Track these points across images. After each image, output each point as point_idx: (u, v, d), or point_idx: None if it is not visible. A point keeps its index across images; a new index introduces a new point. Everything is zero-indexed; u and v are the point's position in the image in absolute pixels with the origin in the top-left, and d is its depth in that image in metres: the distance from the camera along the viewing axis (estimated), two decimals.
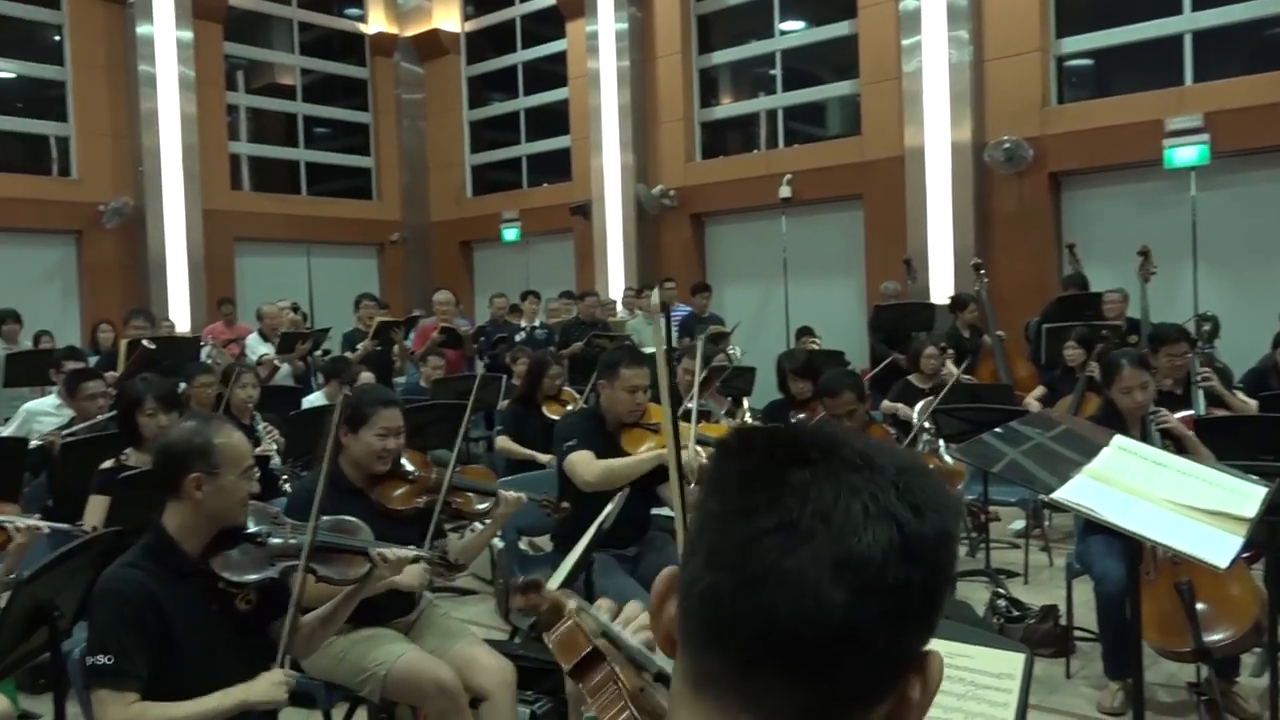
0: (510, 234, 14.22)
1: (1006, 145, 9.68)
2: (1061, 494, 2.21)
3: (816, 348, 7.88)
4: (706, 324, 9.08)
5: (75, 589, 2.59)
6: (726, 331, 8.71)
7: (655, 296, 3.57)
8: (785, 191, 11.25)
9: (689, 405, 4.02)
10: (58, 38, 12.45)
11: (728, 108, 12.92)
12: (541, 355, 6.24)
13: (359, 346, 8.13)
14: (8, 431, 5.41)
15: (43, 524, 3.00)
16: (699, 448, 3.63)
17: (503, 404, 6.90)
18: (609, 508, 2.84)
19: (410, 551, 2.66)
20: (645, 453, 3.71)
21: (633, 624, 1.12)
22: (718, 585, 0.70)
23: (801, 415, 5.33)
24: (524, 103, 14.84)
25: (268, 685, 2.22)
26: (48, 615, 2.42)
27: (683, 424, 3.88)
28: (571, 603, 1.20)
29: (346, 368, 6.55)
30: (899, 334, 7.98)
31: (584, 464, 3.67)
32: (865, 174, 10.92)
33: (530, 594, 1.44)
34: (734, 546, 0.70)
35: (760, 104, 12.61)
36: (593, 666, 1.11)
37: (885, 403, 6.14)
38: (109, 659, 2.12)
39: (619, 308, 10.61)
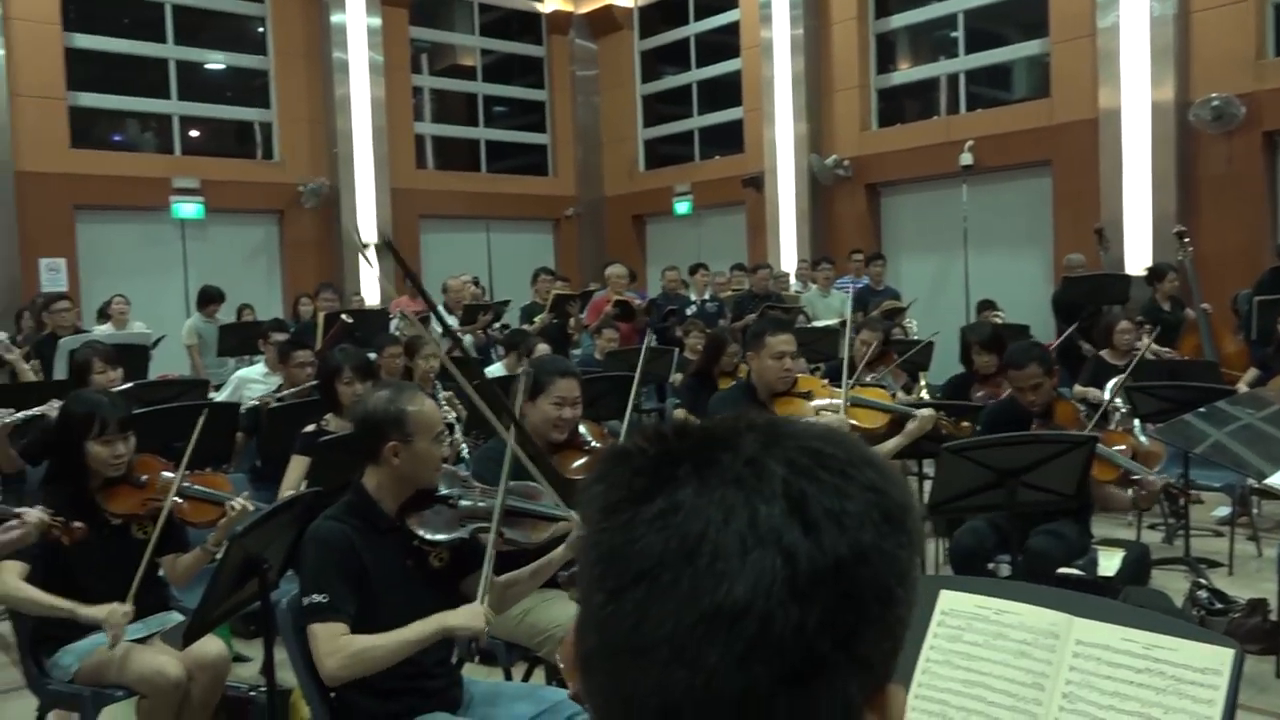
0: (682, 207, 14.26)
1: (1215, 103, 8.96)
2: (1278, 480, 2.05)
3: (1000, 321, 7.56)
4: (882, 297, 8.86)
5: (281, 544, 2.79)
6: (903, 305, 8.48)
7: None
8: (967, 159, 10.81)
9: (854, 382, 3.94)
10: (261, 29, 13.28)
11: (906, 73, 12.49)
12: (721, 332, 6.24)
13: (536, 319, 8.35)
14: (220, 398, 5.85)
15: (253, 505, 3.20)
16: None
17: (675, 377, 6.95)
18: None
19: None
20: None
21: None
22: (599, 662, 0.57)
23: (984, 391, 5.13)
24: (696, 75, 14.81)
25: (469, 613, 2.31)
26: (258, 567, 2.62)
27: (837, 391, 3.82)
28: None
29: (524, 340, 6.74)
30: (1089, 308, 7.55)
31: None
32: (1054, 138, 10.35)
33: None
34: (600, 609, 0.56)
35: (941, 68, 12.14)
36: None
37: (1077, 387, 5.84)
38: (324, 597, 2.27)
39: (792, 280, 10.49)
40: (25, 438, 4.25)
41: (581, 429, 3.30)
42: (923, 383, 6.16)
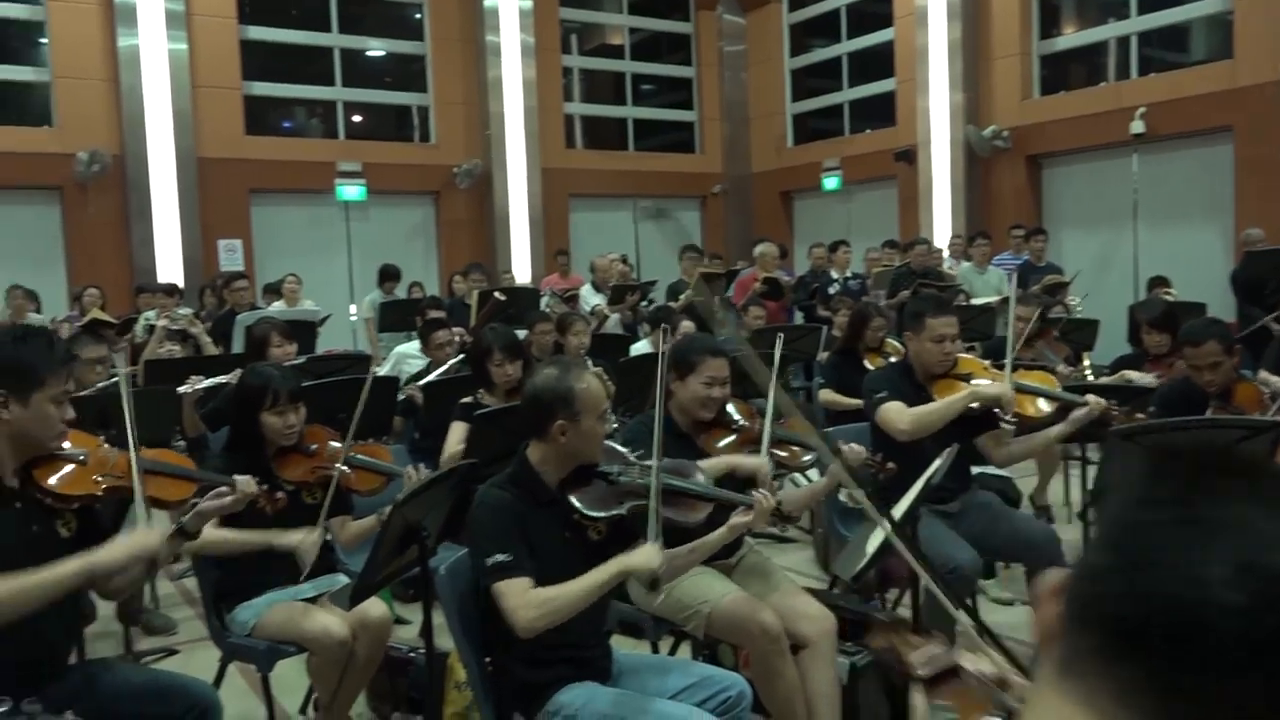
0: (831, 183, 14.00)
1: None
2: None
3: (1172, 299, 7.12)
4: (1043, 273, 8.48)
5: (439, 513, 2.90)
6: (1065, 281, 8.10)
7: None
8: (1138, 127, 10.21)
9: (1013, 359, 3.78)
10: (419, 16, 13.71)
11: (1071, 38, 11.87)
12: (864, 306, 6.11)
13: (682, 296, 8.36)
14: (381, 372, 6.10)
15: (423, 472, 3.32)
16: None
17: (822, 355, 6.85)
18: (938, 462, 2.74)
19: (767, 497, 2.70)
20: (956, 396, 3.55)
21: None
22: (1102, 564, 0.66)
23: (1155, 373, 4.85)
24: (846, 47, 14.48)
25: (645, 553, 2.34)
26: (417, 535, 2.73)
27: (999, 374, 3.67)
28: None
29: (670, 317, 6.76)
30: (1272, 284, 7.02)
31: (896, 413, 3.57)
32: (1237, 102, 9.65)
33: (889, 636, 1.42)
34: (1127, 530, 0.66)
35: (1110, 31, 11.48)
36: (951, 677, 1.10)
37: (1262, 372, 5.45)
38: (506, 556, 2.34)
39: (945, 256, 10.15)
40: (207, 405, 4.55)
41: (729, 408, 3.29)
42: (1086, 362, 5.87)
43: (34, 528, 2.29)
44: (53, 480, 2.32)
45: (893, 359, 5.72)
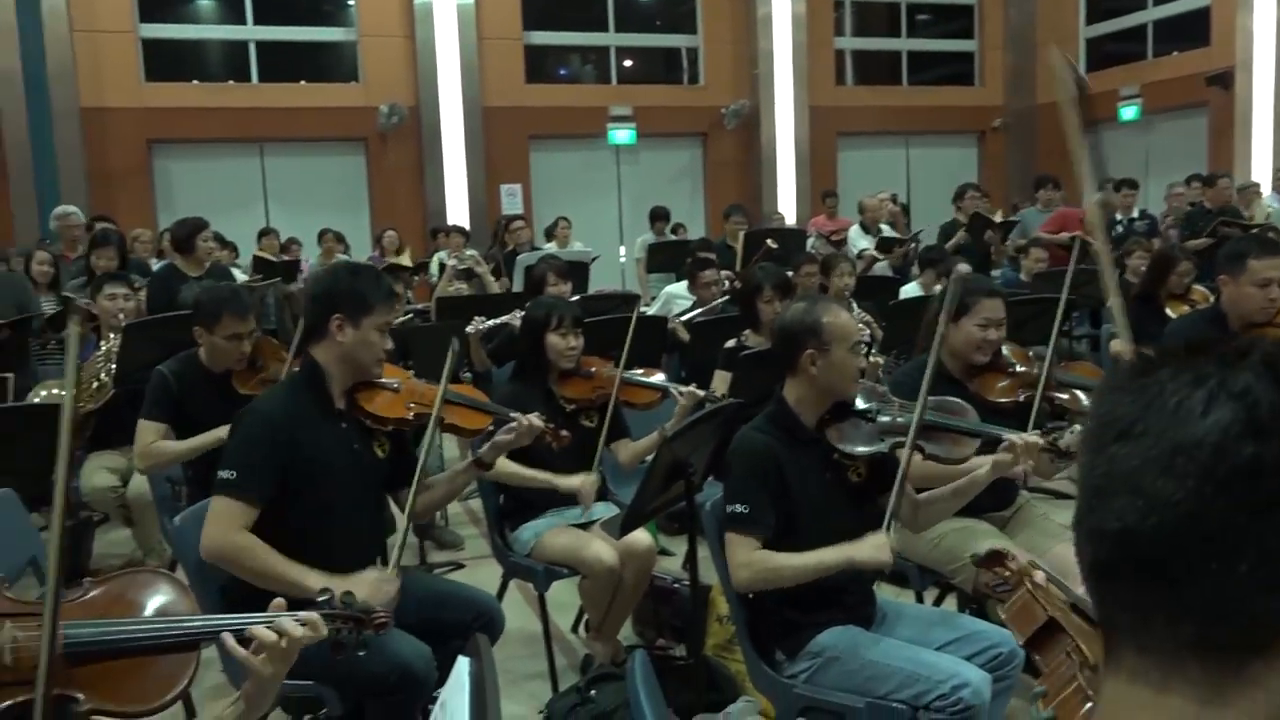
0: (1128, 112, 12.81)
1: None
2: None
3: None
4: None
5: (705, 450, 2.95)
6: None
7: None
8: None
9: None
10: None
11: None
12: (1169, 249, 5.58)
13: (956, 237, 7.98)
14: (651, 311, 6.27)
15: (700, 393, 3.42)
16: None
17: (1113, 300, 6.34)
18: None
19: (1034, 437, 2.57)
20: None
21: None
22: (1078, 509, 0.66)
23: None
24: None
25: (873, 547, 2.32)
26: (684, 471, 2.80)
27: None
28: (1039, 574, 1.12)
29: (943, 258, 6.48)
30: None
31: None
32: None
33: (995, 567, 1.33)
34: (1083, 468, 0.65)
35: None
36: (1050, 638, 1.04)
37: None
38: (745, 508, 2.39)
39: (1265, 192, 9.06)
40: (492, 342, 4.87)
41: (1005, 351, 3.13)
42: None
43: (355, 446, 2.57)
44: (372, 405, 2.60)
45: (1200, 307, 5.21)
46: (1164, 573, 0.60)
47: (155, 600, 1.50)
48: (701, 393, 3.43)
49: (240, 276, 7.01)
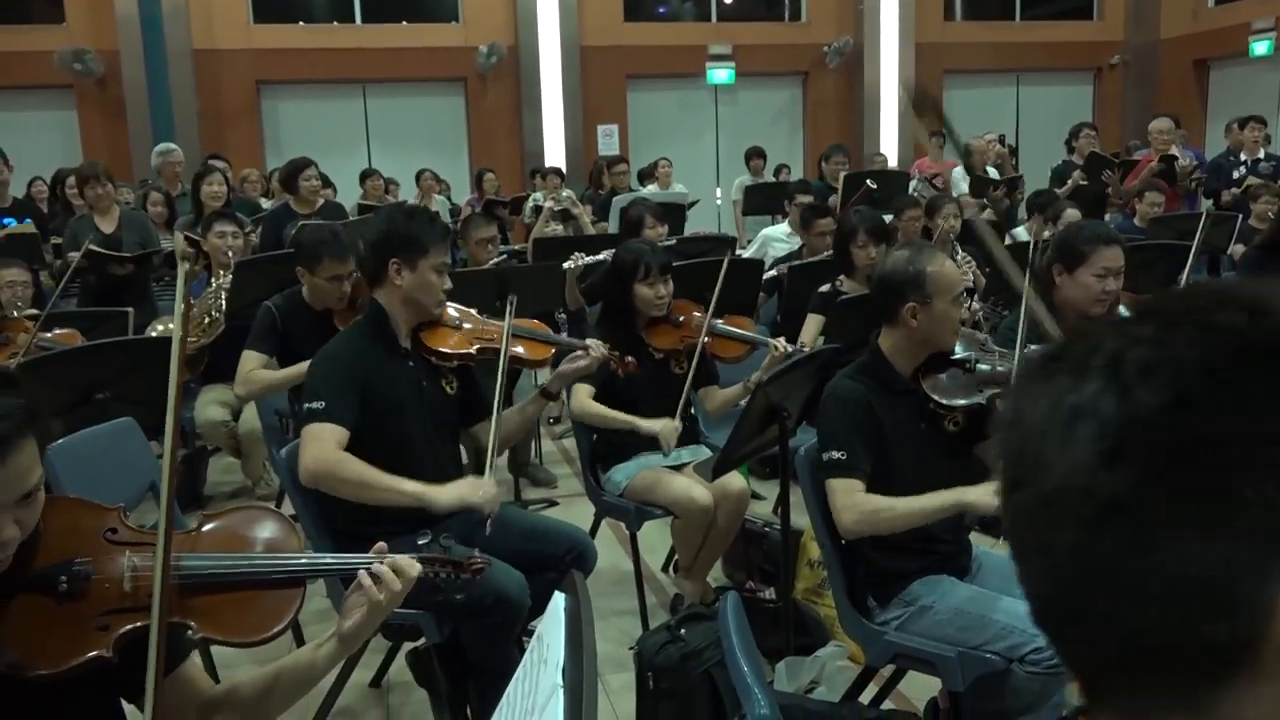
0: (1261, 47, 12.06)
1: None
2: None
3: None
4: None
5: (799, 395, 2.93)
6: None
7: None
8: None
9: None
10: None
11: None
12: None
13: (1069, 180, 7.67)
14: (747, 254, 6.20)
15: (789, 347, 3.38)
16: None
17: (1235, 248, 6.05)
18: None
19: None
20: None
21: None
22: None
23: None
24: None
25: (985, 490, 2.27)
26: (778, 415, 2.79)
27: None
28: None
29: (1053, 203, 6.25)
30: None
31: None
32: None
33: None
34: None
35: None
36: None
37: None
38: (842, 454, 2.35)
39: None
40: (586, 281, 4.89)
41: (1122, 307, 3.00)
42: None
43: (424, 383, 2.65)
44: (436, 342, 2.68)
45: None
46: (1077, 628, 0.56)
47: (265, 537, 1.56)
48: (791, 347, 3.37)
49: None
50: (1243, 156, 7.80)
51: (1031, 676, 2.19)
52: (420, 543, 1.74)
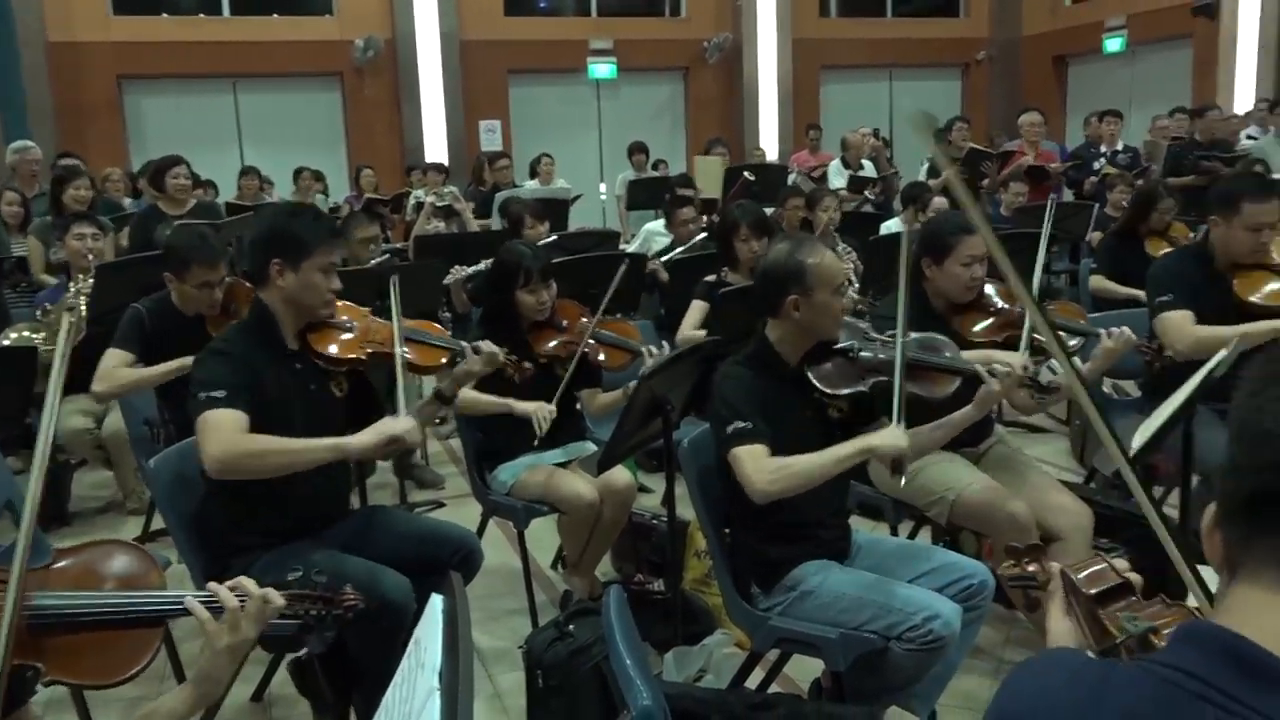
0: (1113, 44, 12.70)
1: None
2: None
3: None
4: None
5: (683, 388, 2.96)
6: None
7: None
8: None
9: None
10: None
11: None
12: (1153, 185, 5.55)
13: (943, 174, 7.92)
14: (631, 249, 6.23)
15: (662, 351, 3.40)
16: None
17: (1092, 235, 6.35)
18: (1223, 353, 2.49)
19: (1022, 357, 2.59)
20: (1267, 312, 3.15)
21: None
22: (1234, 457, 0.75)
23: None
24: None
25: (891, 433, 2.31)
26: (662, 408, 2.81)
27: None
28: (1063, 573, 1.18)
29: (924, 194, 6.46)
30: None
31: (1177, 328, 3.22)
32: None
33: (1027, 561, 1.35)
34: (1248, 418, 0.74)
35: None
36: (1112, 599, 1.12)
37: None
38: (746, 423, 2.37)
39: (1250, 126, 9.01)
40: (471, 283, 4.84)
41: (988, 289, 3.11)
42: None
43: (311, 386, 2.56)
44: (324, 346, 2.58)
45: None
46: None
47: (123, 573, 1.49)
48: (664, 355, 3.38)
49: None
50: (1102, 148, 8.21)
51: (908, 653, 2.27)
52: (290, 577, 1.68)
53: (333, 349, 2.59)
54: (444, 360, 2.80)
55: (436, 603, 1.32)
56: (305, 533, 2.47)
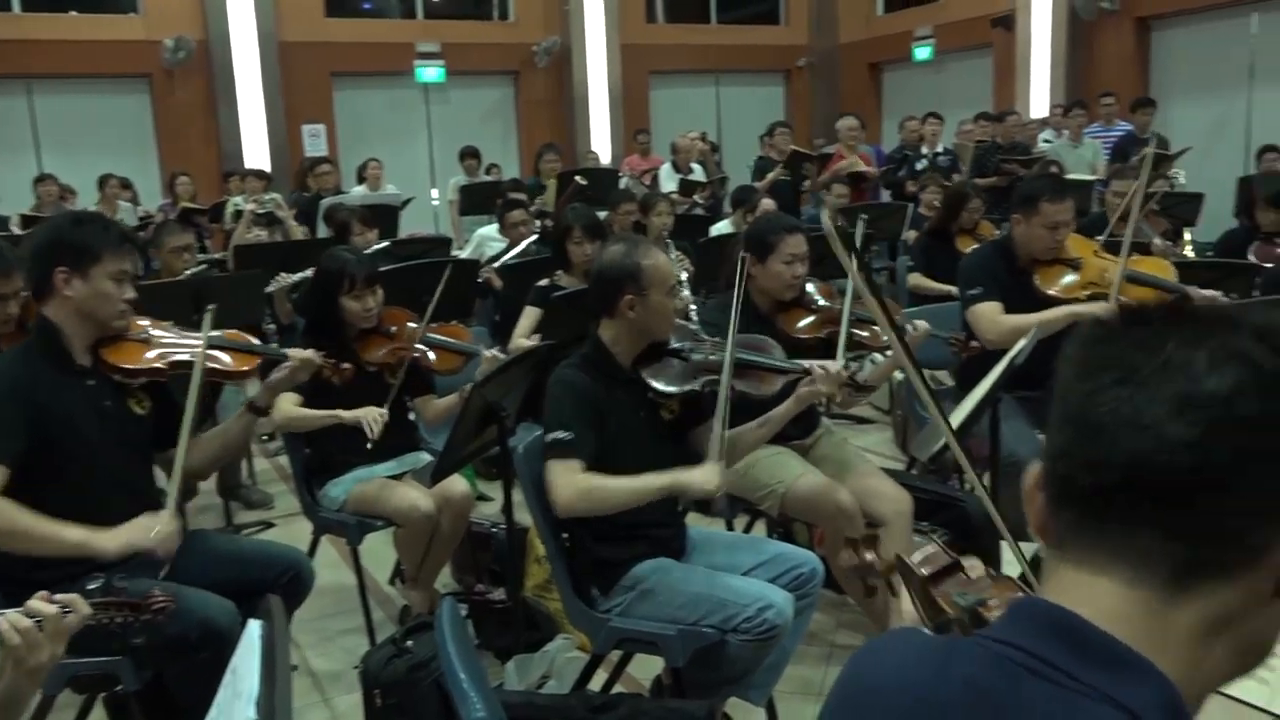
0: (922, 53, 13.39)
1: None
2: None
3: None
4: (1146, 145, 8.04)
5: (518, 393, 2.95)
6: (1171, 155, 7.67)
7: None
8: None
9: (1118, 238, 3.61)
10: None
11: None
12: (962, 186, 5.88)
13: (769, 175, 8.15)
14: (464, 254, 6.15)
15: (503, 355, 3.36)
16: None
17: (908, 234, 6.67)
18: (1022, 343, 2.67)
19: (839, 364, 2.70)
20: (1065, 302, 3.39)
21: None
22: (1063, 442, 0.73)
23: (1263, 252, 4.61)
24: None
25: (704, 473, 2.37)
26: (496, 415, 2.78)
27: (1110, 259, 3.51)
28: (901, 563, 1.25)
29: (751, 196, 6.64)
30: None
31: (988, 319, 3.44)
32: None
33: (865, 552, 1.42)
34: (1076, 404, 0.72)
35: None
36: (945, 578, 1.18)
37: None
38: (567, 434, 2.38)
39: (1045, 130, 9.67)
40: (296, 293, 4.67)
41: (809, 287, 3.23)
42: (1186, 239, 5.61)
43: (106, 403, 2.41)
44: (117, 358, 2.43)
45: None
46: (1166, 501, 0.68)
47: None
48: (504, 356, 3.36)
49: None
50: (924, 149, 8.62)
51: (744, 644, 2.33)
52: (91, 586, 1.57)
53: (127, 361, 2.43)
54: (256, 364, 2.66)
55: (254, 629, 1.27)
56: (112, 565, 2.32)
